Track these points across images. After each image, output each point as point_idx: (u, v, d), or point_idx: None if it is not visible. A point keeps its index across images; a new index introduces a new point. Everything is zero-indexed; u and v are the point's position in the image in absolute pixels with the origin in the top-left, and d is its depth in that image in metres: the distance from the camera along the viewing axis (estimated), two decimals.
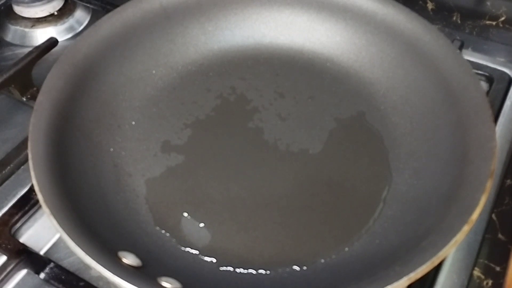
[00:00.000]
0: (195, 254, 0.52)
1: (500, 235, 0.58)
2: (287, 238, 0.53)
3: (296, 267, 0.51)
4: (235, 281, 0.50)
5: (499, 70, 0.76)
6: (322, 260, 0.51)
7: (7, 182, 0.60)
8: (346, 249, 0.52)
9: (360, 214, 0.55)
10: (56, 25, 0.83)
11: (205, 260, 0.52)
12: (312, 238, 0.53)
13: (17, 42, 0.82)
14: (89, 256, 0.43)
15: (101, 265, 0.42)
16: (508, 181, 0.62)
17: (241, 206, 0.56)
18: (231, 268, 0.51)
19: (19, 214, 0.58)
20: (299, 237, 0.54)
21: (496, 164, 0.50)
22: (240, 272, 0.51)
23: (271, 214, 0.55)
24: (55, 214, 0.45)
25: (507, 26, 0.76)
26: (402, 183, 0.57)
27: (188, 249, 0.52)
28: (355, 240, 0.53)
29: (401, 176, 0.57)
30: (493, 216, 0.59)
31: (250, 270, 0.51)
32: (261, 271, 0.51)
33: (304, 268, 0.51)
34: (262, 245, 0.53)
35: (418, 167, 0.57)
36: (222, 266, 0.51)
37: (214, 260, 0.52)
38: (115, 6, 0.67)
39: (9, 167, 0.61)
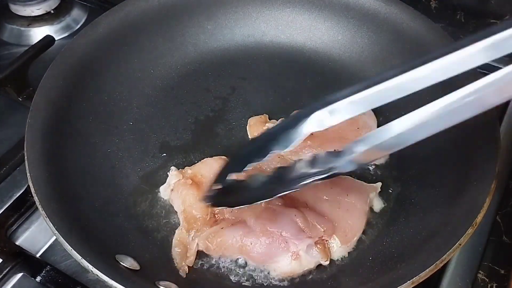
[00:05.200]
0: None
1: (504, 237, 0.57)
2: None
3: None
4: (233, 285, 0.49)
5: None
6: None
7: (2, 183, 0.60)
8: (348, 253, 0.51)
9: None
10: (52, 23, 0.83)
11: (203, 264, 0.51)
12: None
13: (13, 41, 0.81)
14: (86, 259, 0.42)
15: (98, 268, 0.42)
16: None
17: None
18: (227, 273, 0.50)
19: (15, 216, 0.57)
20: None
21: (501, 165, 0.49)
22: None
23: None
24: (52, 216, 0.45)
25: None
26: (405, 185, 0.56)
27: None
28: (358, 244, 0.52)
29: (404, 178, 0.57)
30: (498, 218, 0.58)
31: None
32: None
33: None
34: None
35: (421, 168, 0.56)
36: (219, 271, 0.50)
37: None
38: (112, 4, 0.67)
39: (5, 168, 0.60)
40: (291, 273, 0.48)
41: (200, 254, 0.50)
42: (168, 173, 0.56)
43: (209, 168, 0.55)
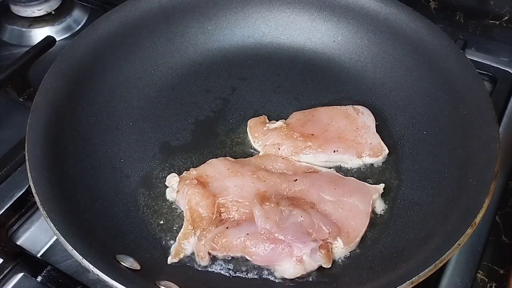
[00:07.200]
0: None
1: (504, 238, 0.57)
2: None
3: None
4: (232, 284, 0.49)
5: (502, 69, 0.75)
6: None
7: (3, 183, 0.60)
8: (349, 253, 0.51)
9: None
10: (53, 24, 0.83)
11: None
12: None
13: (14, 42, 0.81)
14: (86, 259, 0.42)
15: (99, 268, 0.42)
16: None
17: None
18: (227, 273, 0.50)
19: (16, 216, 0.57)
20: None
21: (500, 166, 0.49)
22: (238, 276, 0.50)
23: None
24: (52, 216, 0.45)
25: (510, 25, 0.76)
26: (405, 185, 0.56)
27: None
28: (359, 244, 0.52)
29: (404, 179, 0.57)
30: (497, 218, 0.58)
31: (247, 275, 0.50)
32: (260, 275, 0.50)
33: None
34: None
35: (421, 168, 0.56)
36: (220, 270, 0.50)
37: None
38: (113, 5, 0.67)
39: (5, 169, 0.60)
40: (294, 276, 0.48)
41: None
42: (167, 176, 0.56)
43: (214, 168, 0.55)
